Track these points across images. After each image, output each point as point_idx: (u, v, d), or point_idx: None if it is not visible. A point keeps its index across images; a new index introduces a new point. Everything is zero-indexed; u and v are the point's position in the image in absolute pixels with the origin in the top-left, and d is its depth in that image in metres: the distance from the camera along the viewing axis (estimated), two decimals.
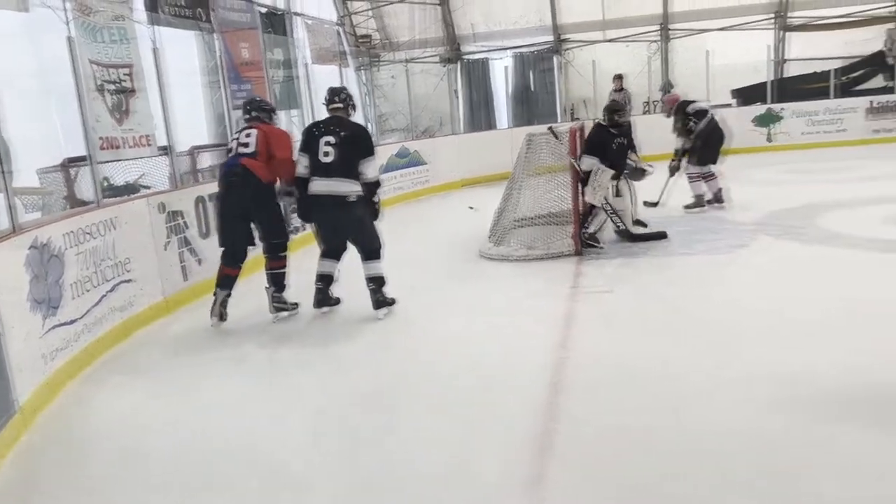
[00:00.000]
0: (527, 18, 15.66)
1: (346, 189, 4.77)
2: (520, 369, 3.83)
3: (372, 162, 4.88)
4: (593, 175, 6.29)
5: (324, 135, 4.82)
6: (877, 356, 3.55)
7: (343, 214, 4.85)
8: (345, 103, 4.96)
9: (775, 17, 14.82)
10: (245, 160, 4.91)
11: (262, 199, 4.99)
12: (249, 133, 5.00)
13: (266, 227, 5.10)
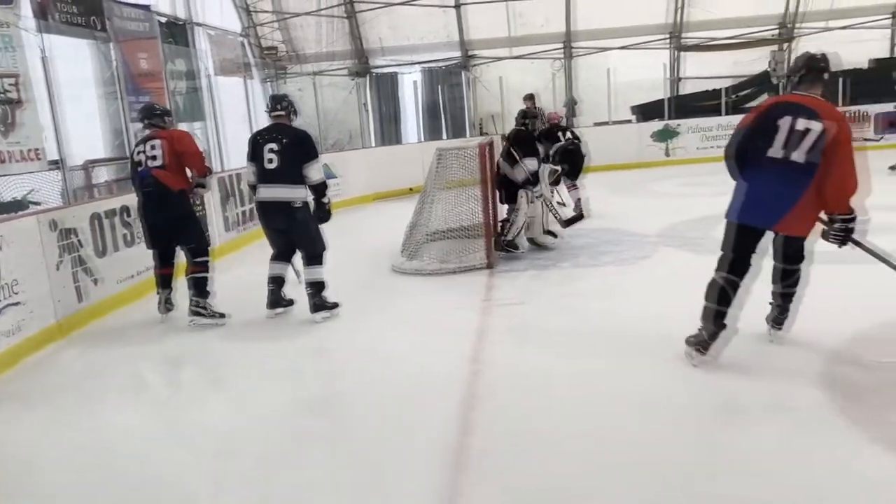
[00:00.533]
0: (435, 34, 15.83)
1: (291, 195, 4.96)
2: (432, 383, 3.80)
3: (315, 165, 5.00)
4: (541, 174, 6.75)
5: (267, 142, 4.97)
6: (779, 355, 3.73)
7: (288, 220, 5.01)
8: (286, 110, 5.12)
9: (670, 37, 15.58)
10: (156, 171, 5.13)
11: (176, 208, 5.20)
12: (154, 144, 5.18)
13: (183, 234, 5.28)
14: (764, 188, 3.60)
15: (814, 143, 3.44)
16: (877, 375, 3.41)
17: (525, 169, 6.63)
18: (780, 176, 3.53)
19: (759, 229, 3.66)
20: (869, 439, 2.83)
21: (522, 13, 15.52)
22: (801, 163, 3.47)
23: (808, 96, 3.59)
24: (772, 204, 3.58)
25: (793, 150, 3.49)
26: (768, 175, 3.58)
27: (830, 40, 15.40)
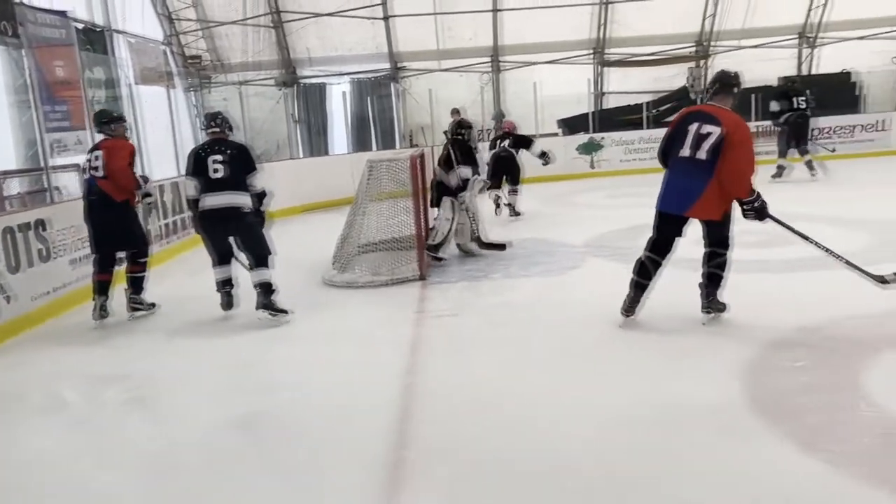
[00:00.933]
0: (364, 45, 15.80)
1: (240, 201, 5.28)
2: (366, 398, 3.76)
3: (259, 175, 5.41)
4: (472, 183, 6.93)
5: (210, 154, 5.28)
6: (706, 362, 3.86)
7: (238, 224, 5.31)
8: (221, 126, 5.46)
9: (594, 53, 16.01)
10: (100, 182, 5.47)
11: (116, 215, 5.54)
12: (97, 155, 5.53)
13: (125, 239, 5.64)
14: (676, 182, 4.38)
15: (713, 144, 4.14)
16: (796, 379, 3.56)
17: (458, 175, 6.88)
18: (689, 171, 4.26)
19: (672, 216, 4.39)
20: (789, 439, 2.95)
21: (451, 26, 15.67)
22: (704, 160, 4.18)
23: (715, 106, 4.31)
24: (683, 195, 4.33)
25: (697, 149, 4.20)
26: (680, 171, 4.34)
27: (743, 58, 16.18)
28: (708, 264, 4.49)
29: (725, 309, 4.52)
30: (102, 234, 5.57)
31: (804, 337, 4.14)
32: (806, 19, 15.88)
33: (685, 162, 4.27)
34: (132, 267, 5.71)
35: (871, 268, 5.35)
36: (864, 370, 3.58)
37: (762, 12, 15.73)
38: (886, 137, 13.77)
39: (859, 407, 3.19)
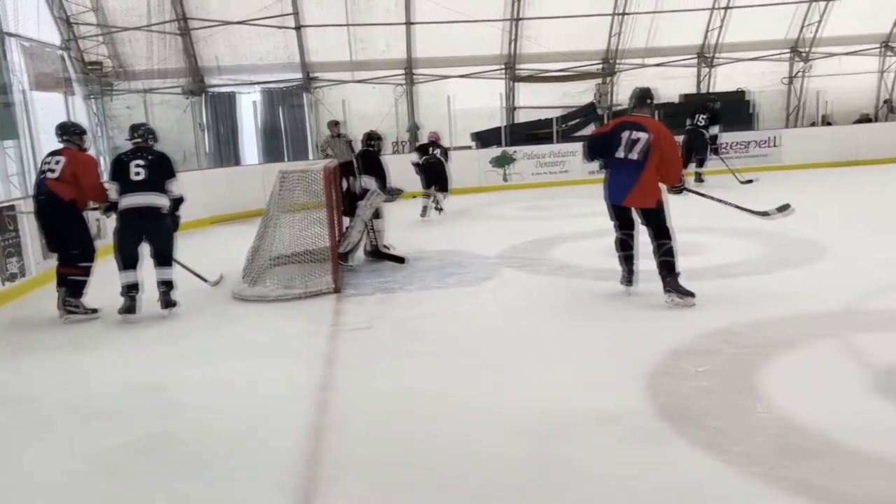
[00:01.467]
0: (275, 55, 15.55)
1: (159, 202, 5.69)
2: (278, 415, 3.68)
3: (176, 182, 5.86)
4: (370, 195, 7.09)
5: (132, 160, 5.71)
6: (611, 369, 3.98)
7: (155, 223, 5.70)
8: (145, 136, 5.97)
9: (505, 68, 16.33)
10: (50, 182, 5.75)
11: (62, 214, 5.78)
12: (59, 160, 5.82)
13: (68, 239, 5.84)
14: (615, 179, 5.36)
15: (643, 148, 5.13)
16: (695, 384, 3.72)
17: (360, 184, 7.18)
18: (624, 169, 5.23)
19: (616, 205, 5.38)
20: (690, 442, 3.08)
21: (364, 38, 15.65)
22: (635, 160, 5.16)
23: (641, 116, 5.38)
24: (621, 188, 5.29)
25: (629, 151, 5.18)
26: (616, 169, 5.32)
27: (647, 76, 16.88)
28: (658, 256, 5.22)
29: (687, 293, 5.13)
30: (52, 233, 5.91)
31: (705, 343, 4.33)
32: (704, 40, 16.73)
33: (621, 162, 5.24)
34: (70, 269, 5.81)
35: (768, 276, 5.68)
36: (761, 374, 3.78)
37: (663, 33, 16.49)
38: (778, 153, 14.65)
39: (756, 409, 3.36)
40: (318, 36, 15.42)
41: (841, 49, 17.17)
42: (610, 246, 5.76)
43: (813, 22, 16.61)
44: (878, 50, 17.40)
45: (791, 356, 4.03)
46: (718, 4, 16.10)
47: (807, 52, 17.01)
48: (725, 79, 17.14)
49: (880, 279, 5.51)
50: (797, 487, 2.66)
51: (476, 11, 15.19)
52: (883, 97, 17.65)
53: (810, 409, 3.29)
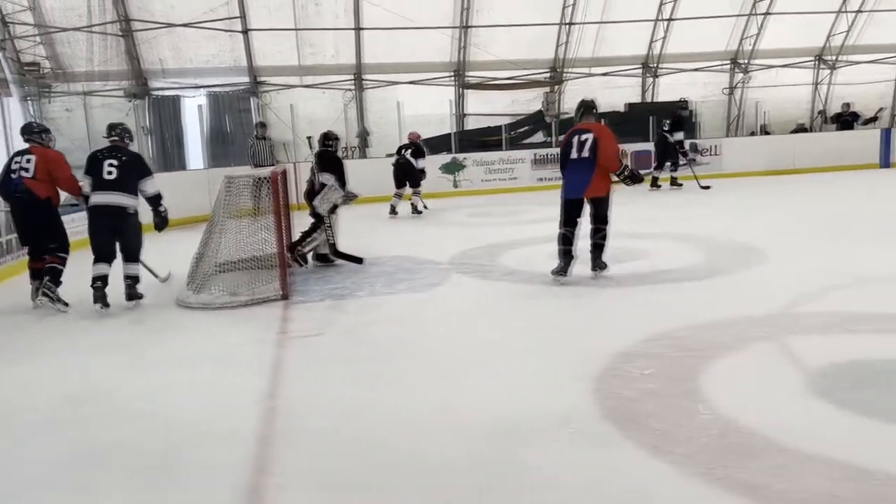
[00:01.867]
0: (221, 58, 15.31)
1: (126, 202, 6.04)
2: (224, 424, 3.61)
3: (151, 180, 6.23)
4: (326, 189, 7.18)
5: (107, 158, 6.04)
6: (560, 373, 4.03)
7: (121, 222, 6.04)
8: (120, 136, 6.30)
9: (455, 75, 16.41)
10: (26, 181, 6.09)
11: (40, 211, 6.14)
12: (29, 158, 6.15)
13: (47, 233, 6.19)
14: (573, 177, 6.20)
15: (590, 146, 6.05)
16: (641, 387, 3.79)
17: (317, 181, 7.26)
18: (580, 168, 6.11)
19: (574, 200, 6.19)
20: (636, 444, 3.13)
21: (313, 43, 15.52)
22: (587, 157, 6.06)
23: (585, 123, 6.35)
24: (579, 184, 6.15)
25: (581, 152, 6.08)
26: (574, 169, 6.17)
27: (593, 85, 17.22)
28: (594, 237, 6.24)
29: (607, 267, 6.31)
30: (29, 229, 6.26)
31: (650, 346, 4.42)
32: (648, 51, 17.13)
33: (577, 162, 6.13)
34: (52, 258, 6.17)
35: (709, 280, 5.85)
36: (703, 376, 3.87)
37: (609, 43, 16.82)
38: (719, 161, 15.08)
39: (698, 410, 3.44)
40: (265, 40, 15.24)
41: (778, 61, 17.79)
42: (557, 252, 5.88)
43: (751, 35, 17.17)
44: (812, 63, 18.09)
45: (731, 358, 4.15)
46: (662, 16, 16.51)
47: (746, 63, 17.57)
48: (669, 88, 17.57)
49: (816, 283, 5.71)
50: (738, 487, 2.73)
51: (425, 18, 15.25)
52: (817, 108, 18.34)
53: (750, 410, 3.39)
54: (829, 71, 18.08)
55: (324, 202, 7.26)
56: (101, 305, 5.87)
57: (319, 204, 7.24)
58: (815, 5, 16.97)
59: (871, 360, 3.98)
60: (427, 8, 15.32)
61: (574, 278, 6.32)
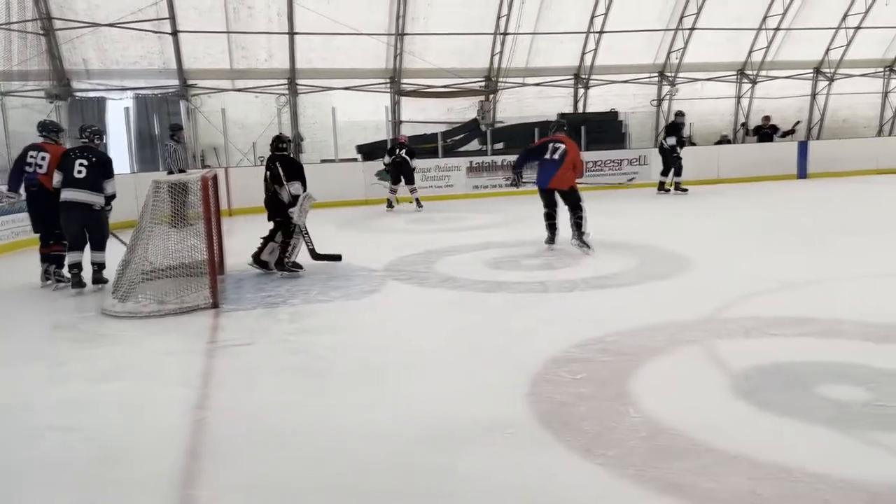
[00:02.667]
0: (149, 60, 14.85)
1: (93, 199, 6.76)
2: (151, 437, 3.49)
3: (112, 181, 6.94)
4: (301, 199, 7.13)
5: (78, 158, 6.75)
6: (494, 379, 4.05)
7: (88, 216, 6.77)
8: (90, 137, 7.02)
9: (390, 82, 16.39)
10: (40, 176, 6.90)
11: (53, 203, 6.75)
12: (44, 156, 6.93)
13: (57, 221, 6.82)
14: (543, 172, 8.19)
15: (561, 153, 8.03)
16: (573, 391, 3.85)
17: (288, 191, 7.10)
18: (549, 166, 8.09)
19: (543, 189, 8.21)
20: (569, 447, 3.18)
21: (245, 46, 15.23)
22: (556, 159, 8.03)
23: (559, 135, 8.32)
24: (545, 177, 8.14)
25: (553, 154, 8.05)
26: (545, 166, 8.13)
27: (526, 95, 17.47)
28: (572, 219, 8.01)
29: (588, 234, 7.97)
30: (42, 217, 6.98)
31: (582, 351, 4.49)
32: (580, 62, 17.49)
33: (548, 162, 8.11)
34: (57, 246, 6.96)
35: (639, 287, 6.01)
36: (633, 380, 3.96)
37: (542, 54, 17.10)
38: (647, 171, 15.50)
39: (628, 413, 3.52)
40: (196, 42, 14.85)
41: (702, 75, 18.44)
42: (493, 258, 6.38)
43: (678, 49, 17.75)
44: (734, 77, 18.83)
45: (660, 362, 4.26)
46: (593, 29, 16.89)
47: (672, 76, 18.14)
48: (600, 100, 17.98)
49: (740, 289, 5.93)
50: (666, 487, 2.80)
51: (360, 25, 15.17)
52: (739, 121, 19.09)
53: (678, 412, 3.49)
54: (750, 85, 18.84)
55: (302, 213, 7.15)
56: (78, 290, 6.65)
57: (298, 215, 7.11)
58: (737, 22, 17.68)
59: (791, 363, 4.15)
60: (362, 14, 15.24)
61: (513, 283, 6.39)
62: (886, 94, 20.07)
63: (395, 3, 15.34)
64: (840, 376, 3.92)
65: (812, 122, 19.59)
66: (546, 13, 16.47)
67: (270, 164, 7.29)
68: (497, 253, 8.08)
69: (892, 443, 3.13)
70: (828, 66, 19.08)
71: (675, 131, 13.95)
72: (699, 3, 16.86)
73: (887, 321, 4.86)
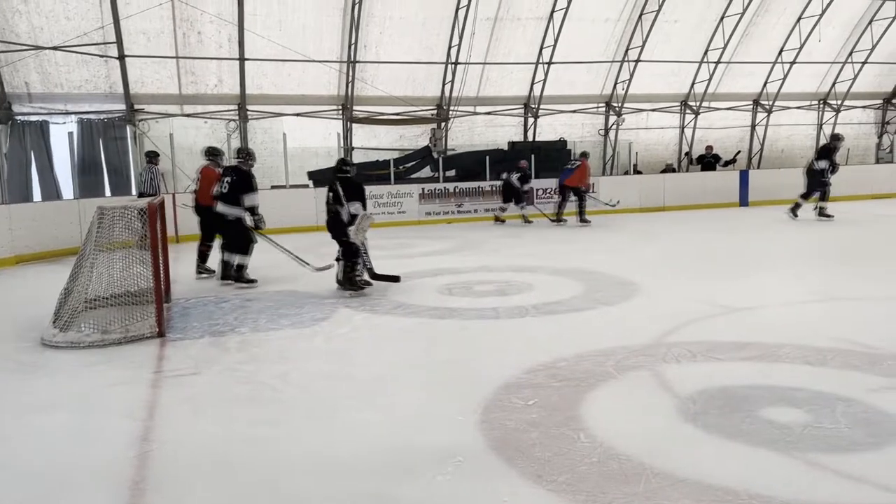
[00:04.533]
0: (94, 84, 14.57)
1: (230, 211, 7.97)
2: (93, 473, 3.38)
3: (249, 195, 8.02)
4: (360, 219, 7.28)
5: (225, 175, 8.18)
6: (445, 407, 4.05)
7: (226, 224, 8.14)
8: (244, 158, 8.22)
9: (342, 109, 16.41)
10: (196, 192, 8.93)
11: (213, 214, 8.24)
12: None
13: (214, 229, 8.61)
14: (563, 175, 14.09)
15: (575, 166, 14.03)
16: (524, 417, 3.87)
17: (348, 210, 7.27)
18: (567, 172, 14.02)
19: (562, 185, 14.06)
20: (521, 474, 3.19)
21: (194, 71, 15.09)
22: (571, 168, 14.04)
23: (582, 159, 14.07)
24: (564, 176, 14.04)
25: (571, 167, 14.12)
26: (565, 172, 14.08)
27: (477, 123, 17.70)
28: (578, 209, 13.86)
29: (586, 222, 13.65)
30: (207, 223, 8.71)
31: (532, 377, 4.53)
32: (529, 92, 17.82)
33: (568, 170, 13.96)
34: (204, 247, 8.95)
35: (588, 312, 6.08)
36: (583, 405, 4.01)
37: (493, 83, 17.39)
38: (596, 199, 15.79)
39: (579, 438, 3.56)
40: (144, 67, 14.65)
41: (648, 105, 18.99)
42: (445, 285, 6.37)
43: (624, 80, 18.25)
44: (678, 108, 19.43)
45: (609, 387, 4.33)
46: (542, 59, 17.26)
47: (619, 106, 18.62)
48: (549, 128, 18.33)
49: (685, 314, 6.07)
50: None
51: (312, 51, 15.20)
52: (683, 150, 19.67)
53: (627, 437, 3.54)
54: (693, 115, 19.45)
55: (359, 232, 7.32)
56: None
57: (356, 235, 7.28)
58: (681, 55, 18.30)
59: (735, 386, 4.26)
60: (314, 41, 15.29)
61: (465, 309, 6.42)
62: (821, 126, 20.96)
63: (347, 31, 15.43)
64: (781, 399, 4.04)
65: (752, 151, 20.31)
66: (496, 44, 16.78)
67: (333, 186, 7.55)
68: (449, 279, 8.11)
69: (831, 464, 3.23)
70: (766, 99, 19.86)
71: (827, 155, 13.21)
72: (644, 35, 17.40)
73: (823, 345, 5.04)
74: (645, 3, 17.06)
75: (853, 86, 20.35)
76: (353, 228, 7.31)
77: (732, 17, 17.71)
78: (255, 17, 14.68)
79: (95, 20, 13.71)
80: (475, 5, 15.51)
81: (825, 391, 4.12)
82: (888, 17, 18.95)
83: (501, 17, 16.44)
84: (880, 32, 19.31)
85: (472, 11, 15.62)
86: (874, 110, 21.57)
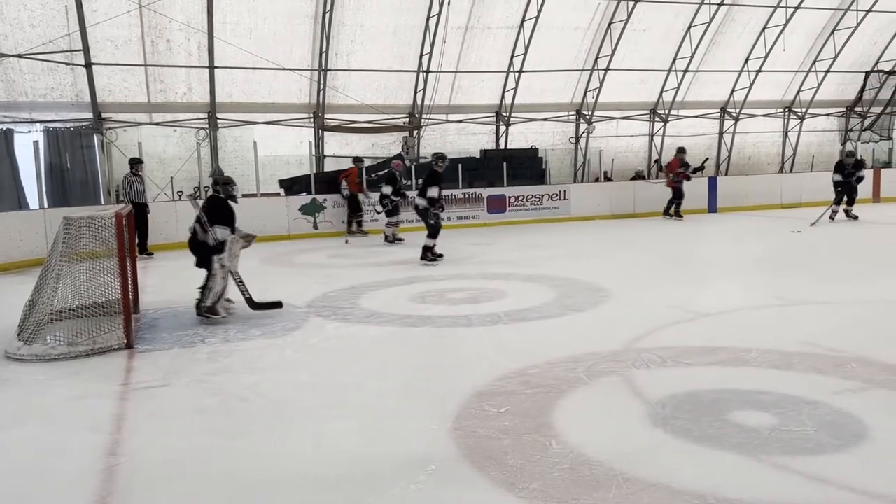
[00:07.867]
0: (60, 92, 14.35)
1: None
2: (59, 487, 3.32)
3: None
4: (229, 245, 6.66)
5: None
6: (418, 415, 4.04)
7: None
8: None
9: (314, 117, 16.36)
10: None
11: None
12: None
13: None
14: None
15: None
16: (497, 424, 3.88)
17: (213, 237, 6.63)
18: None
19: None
20: (493, 481, 3.20)
21: (163, 79, 14.94)
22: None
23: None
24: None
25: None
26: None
27: (449, 131, 17.76)
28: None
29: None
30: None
31: (505, 385, 4.54)
32: (501, 100, 17.93)
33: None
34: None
35: (559, 319, 6.11)
36: (554, 412, 4.03)
37: (465, 92, 17.47)
38: (567, 205, 15.92)
39: (551, 445, 3.57)
40: (111, 75, 14.47)
41: (617, 113, 19.22)
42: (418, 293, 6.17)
43: (594, 88, 18.44)
44: (647, 116, 19.68)
45: (581, 393, 4.35)
46: (513, 68, 17.38)
47: (589, 115, 18.82)
48: (521, 136, 18.45)
49: (655, 320, 6.13)
50: None
51: (283, 60, 15.14)
52: (653, 157, 19.92)
53: (598, 443, 3.57)
54: (662, 123, 19.72)
55: (233, 259, 6.76)
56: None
57: (230, 263, 6.71)
58: (649, 64, 18.56)
59: (704, 391, 4.31)
60: (285, 49, 15.23)
61: (438, 317, 6.42)
62: (787, 133, 21.39)
63: (319, 39, 15.40)
64: (749, 403, 4.10)
65: (720, 158, 20.64)
66: (467, 52, 16.87)
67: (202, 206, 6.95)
68: (422, 287, 8.11)
69: (797, 466, 3.28)
70: (733, 107, 20.22)
71: (839, 168, 14.06)
72: (613, 44, 17.62)
73: (789, 349, 5.12)
74: (614, 11, 17.28)
75: (817, 94, 20.82)
76: (225, 256, 6.69)
77: (699, 26, 18.02)
78: (225, 24, 14.59)
79: (61, 28, 13.52)
80: (446, 14, 15.58)
81: (792, 394, 4.19)
82: (850, 27, 19.41)
83: (472, 26, 16.54)
84: (842, 42, 19.77)
85: (443, 20, 15.70)
86: (837, 118, 22.06)
